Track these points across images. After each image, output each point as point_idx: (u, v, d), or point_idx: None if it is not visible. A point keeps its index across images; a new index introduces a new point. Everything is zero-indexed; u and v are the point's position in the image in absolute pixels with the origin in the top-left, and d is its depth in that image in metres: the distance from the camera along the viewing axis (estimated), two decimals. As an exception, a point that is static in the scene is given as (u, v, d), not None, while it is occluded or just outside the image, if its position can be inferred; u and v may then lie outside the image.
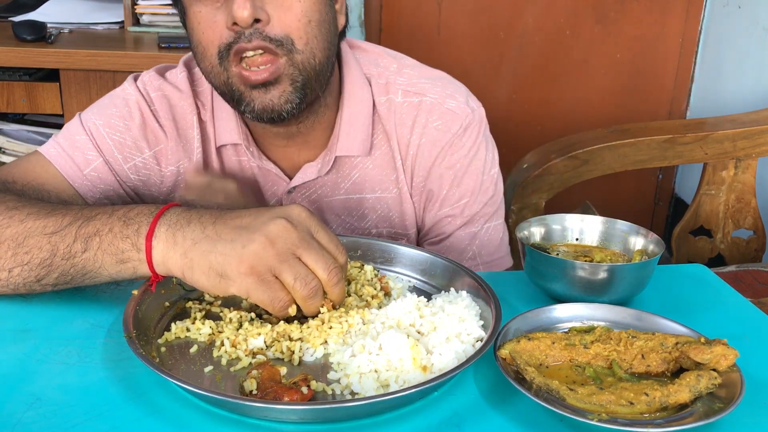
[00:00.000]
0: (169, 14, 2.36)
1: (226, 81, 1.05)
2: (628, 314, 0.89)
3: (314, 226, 0.87)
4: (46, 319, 0.91)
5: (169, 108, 1.19)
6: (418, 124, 1.21)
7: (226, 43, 1.02)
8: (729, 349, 0.78)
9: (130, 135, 1.17)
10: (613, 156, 2.04)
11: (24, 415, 0.73)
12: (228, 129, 1.18)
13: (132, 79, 1.21)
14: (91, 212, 0.90)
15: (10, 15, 2.34)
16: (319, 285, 0.85)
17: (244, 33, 1.00)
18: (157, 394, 0.77)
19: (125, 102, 1.18)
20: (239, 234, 0.83)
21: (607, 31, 2.93)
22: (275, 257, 0.82)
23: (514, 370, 0.79)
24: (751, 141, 2.08)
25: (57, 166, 1.13)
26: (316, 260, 0.84)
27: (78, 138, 1.16)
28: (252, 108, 1.06)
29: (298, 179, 1.20)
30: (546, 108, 2.94)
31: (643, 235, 1.02)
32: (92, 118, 1.17)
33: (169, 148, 1.19)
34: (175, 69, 1.23)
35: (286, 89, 1.05)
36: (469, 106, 1.23)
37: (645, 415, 0.74)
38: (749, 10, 2.68)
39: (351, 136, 1.19)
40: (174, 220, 0.87)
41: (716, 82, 2.89)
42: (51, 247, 0.88)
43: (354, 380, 0.78)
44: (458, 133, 1.22)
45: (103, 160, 1.15)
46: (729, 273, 1.91)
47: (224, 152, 1.21)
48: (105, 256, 0.87)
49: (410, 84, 1.22)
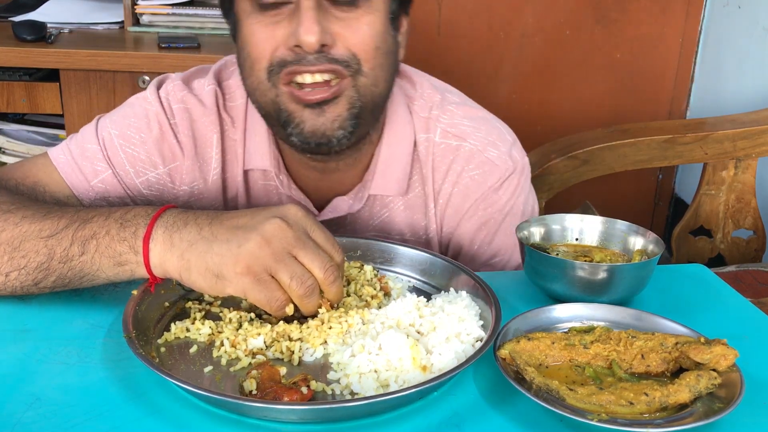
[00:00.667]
0: (169, 14, 2.36)
1: (274, 99, 1.00)
2: (627, 314, 0.89)
3: (310, 225, 0.86)
4: (45, 319, 0.91)
5: (190, 123, 1.12)
6: (453, 170, 1.15)
7: (280, 59, 0.98)
8: (729, 349, 0.78)
9: (144, 149, 1.11)
10: (613, 156, 2.03)
11: (24, 415, 0.73)
12: (260, 153, 1.12)
13: (155, 87, 1.14)
14: (88, 214, 0.90)
15: (10, 15, 2.34)
16: (316, 284, 0.85)
17: (306, 56, 0.96)
18: (156, 395, 0.77)
19: (145, 113, 1.12)
20: (235, 234, 0.83)
21: (607, 31, 2.93)
22: (271, 257, 0.82)
23: (514, 370, 0.79)
24: (751, 141, 2.08)
25: (63, 174, 1.09)
26: (312, 259, 0.84)
27: (89, 147, 1.11)
28: (300, 130, 1.00)
29: (328, 213, 1.15)
30: (546, 108, 2.94)
31: (643, 235, 1.02)
32: (108, 126, 1.12)
33: (184, 166, 1.13)
34: (204, 79, 1.15)
35: (342, 113, 1.00)
36: (512, 158, 1.16)
37: (645, 415, 0.74)
38: (749, 10, 2.67)
39: (388, 176, 1.14)
40: (171, 222, 0.86)
41: (716, 82, 2.89)
42: (48, 251, 0.88)
43: (354, 380, 0.78)
44: (495, 187, 1.15)
45: (113, 173, 1.11)
46: (729, 273, 1.91)
47: (251, 175, 1.16)
48: (102, 258, 0.87)
49: (451, 124, 1.15)
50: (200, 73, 1.17)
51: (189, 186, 1.14)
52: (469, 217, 1.16)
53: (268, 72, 0.99)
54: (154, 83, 1.15)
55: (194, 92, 1.14)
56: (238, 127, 1.14)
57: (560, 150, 1.98)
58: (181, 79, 1.15)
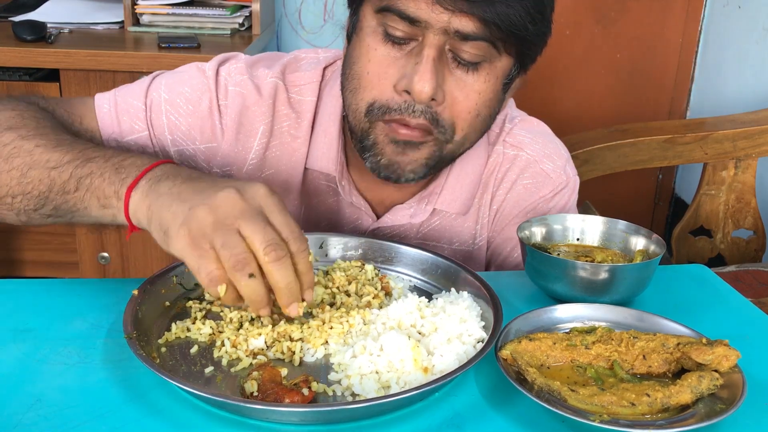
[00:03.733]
0: (169, 14, 2.36)
1: (365, 127, 1.00)
2: (629, 315, 0.89)
3: (270, 206, 0.79)
4: (45, 319, 0.91)
5: (241, 108, 1.10)
6: (507, 179, 1.16)
7: (384, 104, 0.96)
8: (730, 350, 0.78)
9: (187, 121, 1.09)
10: (613, 156, 2.03)
11: (24, 416, 0.73)
12: (326, 157, 1.10)
13: (217, 63, 1.12)
14: (93, 153, 0.90)
15: (10, 15, 2.34)
16: (250, 258, 0.76)
17: (413, 106, 0.95)
18: (157, 395, 0.77)
19: (200, 86, 1.10)
20: (192, 196, 0.79)
21: (607, 31, 2.93)
22: (212, 224, 0.76)
23: (515, 370, 0.79)
24: (751, 141, 2.09)
25: (100, 122, 1.08)
26: (253, 231, 0.76)
27: (135, 103, 1.09)
28: (377, 160, 1.00)
29: (387, 220, 1.14)
30: (546, 108, 2.94)
31: (644, 235, 1.02)
32: (161, 88, 1.10)
33: (221, 149, 1.11)
34: (269, 69, 1.12)
35: (420, 160, 1.00)
36: (566, 173, 1.17)
37: (646, 416, 0.74)
38: (749, 10, 2.67)
39: (456, 194, 1.13)
40: (158, 175, 0.84)
41: (716, 82, 2.89)
42: (50, 182, 0.89)
43: (355, 381, 0.78)
44: (546, 198, 1.16)
45: (149, 134, 1.09)
46: (729, 273, 1.91)
47: (310, 174, 1.13)
48: (92, 198, 0.87)
49: (510, 134, 1.16)
50: (267, 60, 1.15)
51: (220, 169, 1.12)
52: (515, 224, 1.15)
53: (368, 108, 0.98)
54: (218, 58, 1.13)
55: (255, 80, 1.11)
56: (304, 125, 1.11)
57: (560, 150, 1.98)
58: (245, 63, 1.12)
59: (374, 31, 0.97)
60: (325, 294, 0.94)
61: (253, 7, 2.39)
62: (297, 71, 1.14)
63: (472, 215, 1.17)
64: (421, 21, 0.92)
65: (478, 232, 1.19)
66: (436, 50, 0.93)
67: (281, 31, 2.90)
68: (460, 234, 1.18)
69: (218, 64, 1.11)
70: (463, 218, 1.17)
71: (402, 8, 0.92)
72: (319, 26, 2.92)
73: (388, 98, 0.96)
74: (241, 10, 2.43)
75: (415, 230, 1.17)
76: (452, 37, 0.93)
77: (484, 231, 1.19)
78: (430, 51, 0.93)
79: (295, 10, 2.88)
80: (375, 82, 0.97)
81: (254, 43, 2.29)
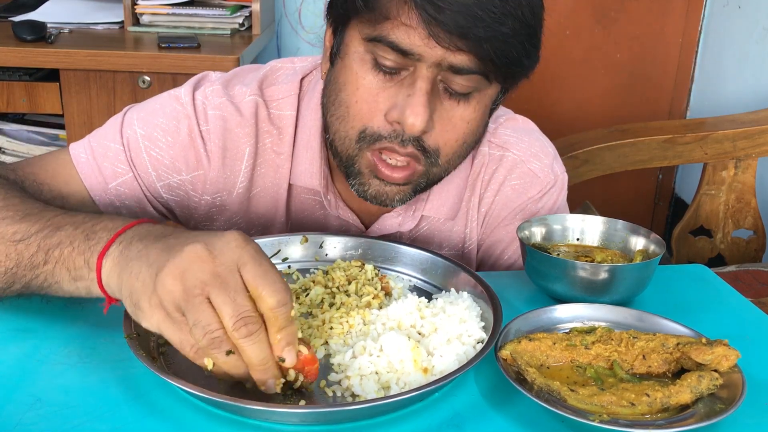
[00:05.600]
0: (169, 14, 2.36)
1: (352, 155, 0.98)
2: (629, 315, 0.89)
3: (244, 258, 0.71)
4: (46, 319, 0.90)
5: (223, 132, 1.06)
6: (495, 180, 1.15)
7: (375, 132, 0.95)
8: (730, 350, 0.78)
9: (169, 154, 1.06)
10: (613, 156, 2.04)
11: (24, 416, 0.73)
12: (309, 172, 1.08)
13: (191, 88, 1.08)
14: (62, 220, 0.83)
15: (10, 15, 2.34)
16: (224, 336, 0.70)
17: (402, 136, 0.93)
18: (157, 395, 0.77)
19: (175, 114, 1.06)
20: (159, 256, 0.72)
21: (607, 31, 2.93)
22: (182, 294, 0.69)
23: (515, 370, 0.79)
24: (751, 141, 2.09)
25: (81, 174, 1.04)
26: (223, 302, 0.69)
27: (112, 146, 1.06)
28: (364, 190, 1.00)
29: (376, 230, 1.13)
30: (546, 108, 2.94)
31: (644, 235, 1.02)
32: (135, 124, 1.06)
33: (209, 176, 1.08)
34: (245, 87, 1.09)
35: (407, 192, 1.00)
36: (553, 171, 1.16)
37: (646, 416, 0.74)
38: (749, 10, 2.67)
39: (443, 199, 1.12)
40: (129, 237, 0.77)
41: (716, 82, 2.89)
42: (17, 256, 0.82)
43: (355, 382, 0.78)
44: (535, 198, 1.15)
45: (134, 176, 1.06)
46: (729, 273, 1.91)
47: (295, 189, 1.11)
48: (62, 270, 0.80)
49: (495, 134, 1.15)
50: (241, 77, 1.12)
51: (211, 196, 1.09)
52: (505, 225, 1.15)
53: (359, 136, 0.96)
54: (191, 83, 1.09)
55: (233, 100, 1.08)
56: (286, 140, 1.09)
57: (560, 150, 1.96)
58: (220, 83, 1.09)
59: (362, 58, 0.94)
60: (325, 294, 0.94)
61: (253, 7, 2.39)
62: (274, 84, 1.11)
63: (460, 219, 1.16)
64: (414, 54, 0.89)
65: (467, 236, 1.18)
66: (429, 83, 0.91)
67: (281, 31, 2.90)
68: (450, 238, 1.17)
69: (192, 89, 1.08)
70: (452, 222, 1.16)
71: (394, 40, 0.89)
72: (319, 26, 2.91)
73: (379, 126, 0.95)
74: (241, 10, 2.43)
75: (404, 237, 1.16)
76: (445, 69, 0.91)
77: (474, 234, 1.17)
78: (422, 84, 0.91)
79: (295, 10, 2.88)
80: (365, 111, 0.95)
81: (254, 43, 2.29)
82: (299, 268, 1.04)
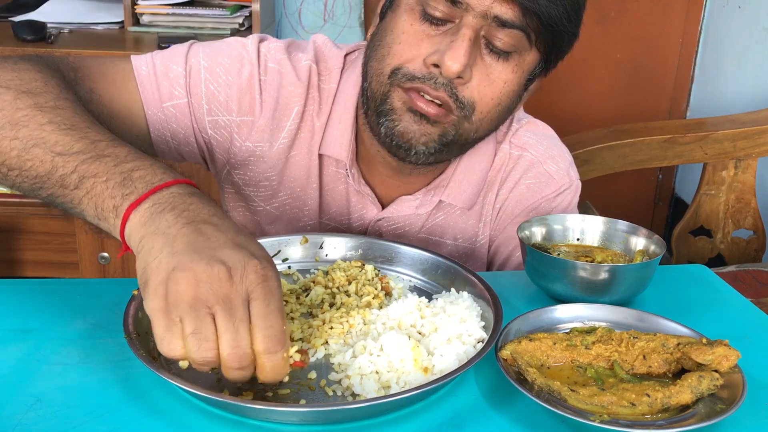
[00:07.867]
0: (169, 14, 2.36)
1: (385, 92, 1.00)
2: (629, 315, 0.89)
3: (256, 293, 0.70)
4: (46, 319, 0.90)
5: (278, 87, 1.10)
6: (511, 178, 1.17)
7: (410, 72, 0.97)
8: (731, 350, 0.78)
9: (226, 92, 1.08)
10: (613, 156, 2.04)
11: (24, 416, 0.73)
12: (339, 143, 1.11)
13: (257, 39, 1.11)
14: (106, 149, 0.80)
15: (10, 15, 2.34)
16: (214, 359, 0.70)
17: (437, 78, 0.96)
18: (157, 395, 0.77)
19: (240, 57, 1.09)
20: (184, 251, 0.71)
21: (607, 31, 2.93)
22: (189, 299, 0.69)
23: (516, 370, 0.79)
24: (751, 141, 2.09)
25: (139, 86, 1.05)
26: (226, 329, 0.69)
27: (174, 68, 1.08)
28: (393, 126, 1.00)
29: (392, 210, 1.15)
30: (546, 108, 2.93)
31: (645, 235, 1.02)
32: (200, 55, 1.09)
33: (257, 124, 1.10)
34: (304, 54, 1.13)
35: (434, 135, 1.00)
36: (569, 175, 1.18)
37: (646, 416, 0.74)
38: (749, 10, 2.67)
39: (464, 186, 1.14)
40: (163, 200, 0.75)
41: (716, 82, 2.89)
42: (51, 167, 0.80)
43: (355, 381, 0.78)
44: (549, 198, 1.17)
45: (188, 102, 1.08)
46: (729, 273, 1.91)
47: (324, 159, 1.14)
48: (90, 205, 0.78)
49: (516, 135, 1.17)
50: (298, 45, 1.16)
51: (253, 144, 1.12)
52: (518, 223, 1.15)
53: (392, 72, 0.99)
54: (256, 36, 1.12)
55: (292, 60, 1.12)
56: (324, 110, 1.13)
57: (560, 150, 1.98)
58: (283, 43, 1.13)
59: (412, 8, 0.98)
60: (326, 294, 0.94)
61: (253, 7, 2.39)
62: (324, 56, 1.15)
63: (475, 212, 1.18)
64: (462, 3, 0.94)
65: (480, 230, 1.19)
66: (473, 32, 0.95)
67: (281, 31, 2.89)
68: (464, 230, 1.19)
69: (258, 40, 1.11)
70: (467, 214, 1.18)
71: None
72: (319, 26, 2.91)
73: (414, 68, 0.97)
74: (241, 10, 2.43)
75: (419, 224, 1.17)
76: (490, 22, 0.95)
77: (487, 229, 1.19)
78: (467, 31, 0.94)
79: (295, 10, 2.88)
80: (405, 51, 0.98)
81: (254, 43, 2.29)
82: (299, 269, 1.04)
